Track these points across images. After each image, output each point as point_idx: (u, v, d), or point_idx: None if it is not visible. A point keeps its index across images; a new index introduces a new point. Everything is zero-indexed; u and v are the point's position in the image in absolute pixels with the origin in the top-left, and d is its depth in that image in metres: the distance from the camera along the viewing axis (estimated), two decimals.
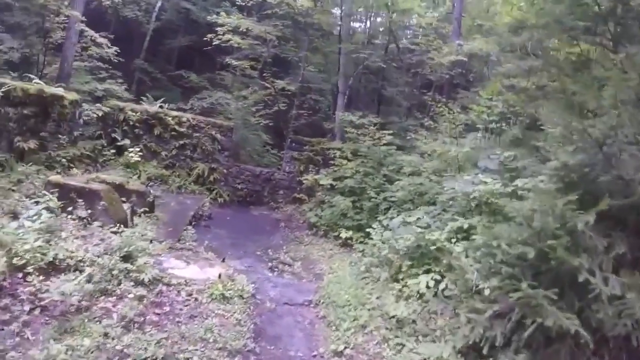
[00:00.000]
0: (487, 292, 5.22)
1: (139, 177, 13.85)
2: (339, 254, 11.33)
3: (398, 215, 9.97)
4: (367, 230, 10.22)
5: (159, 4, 22.85)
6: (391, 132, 14.36)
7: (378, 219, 10.59)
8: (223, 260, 8.81)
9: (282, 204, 15.33)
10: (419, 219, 8.85)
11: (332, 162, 14.61)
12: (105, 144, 14.55)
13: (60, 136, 11.83)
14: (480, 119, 10.44)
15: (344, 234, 12.07)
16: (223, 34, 16.77)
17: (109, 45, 16.74)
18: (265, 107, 18.53)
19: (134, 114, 14.87)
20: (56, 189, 8.06)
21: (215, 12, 18.39)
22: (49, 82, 15.76)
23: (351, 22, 21.15)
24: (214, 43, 16.95)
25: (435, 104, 14.64)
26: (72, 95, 12.59)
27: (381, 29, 22.48)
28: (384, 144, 13.67)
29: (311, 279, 9.50)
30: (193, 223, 11.75)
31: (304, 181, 14.11)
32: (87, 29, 16.19)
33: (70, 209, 7.83)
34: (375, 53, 18.34)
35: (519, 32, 7.70)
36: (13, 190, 8.68)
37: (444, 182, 8.93)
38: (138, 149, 14.43)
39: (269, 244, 11.75)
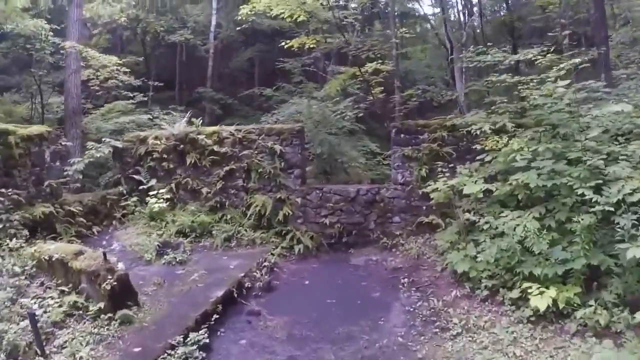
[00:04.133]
0: None
1: (161, 235, 8.74)
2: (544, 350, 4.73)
3: None
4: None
5: (214, 22, 18.90)
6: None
7: (616, 248, 4.94)
8: None
9: (401, 238, 8.96)
10: None
11: (474, 148, 8.09)
12: (126, 191, 9.81)
13: (6, 190, 7.14)
14: None
15: (538, 298, 5.42)
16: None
17: (122, 70, 12.66)
18: (355, 102, 12.60)
19: (157, 142, 9.98)
20: None
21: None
22: (53, 124, 11.94)
23: None
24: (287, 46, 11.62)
25: None
26: (32, 130, 7.97)
27: None
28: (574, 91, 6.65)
29: None
30: (222, 310, 6.08)
31: (431, 194, 7.55)
32: (97, 54, 12.21)
33: None
34: None
35: None
36: None
37: None
38: (164, 190, 9.47)
39: (376, 343, 5.52)
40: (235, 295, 6.65)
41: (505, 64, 7.72)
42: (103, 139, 10.17)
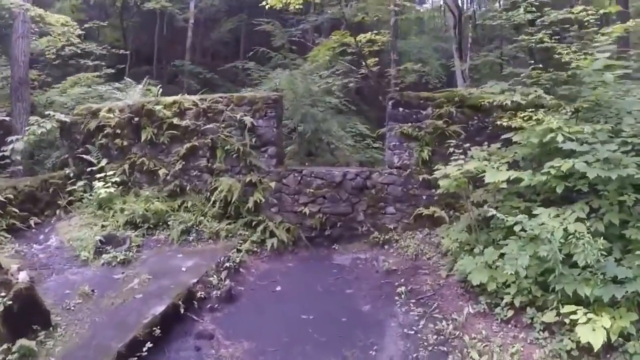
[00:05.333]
0: None
1: (106, 227, 7.17)
2: None
3: None
4: None
5: None
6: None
7: None
8: None
9: (395, 232, 7.47)
10: None
11: (486, 128, 6.71)
12: (74, 173, 8.15)
13: None
14: None
15: (587, 329, 3.97)
16: None
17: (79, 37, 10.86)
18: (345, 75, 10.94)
19: (110, 115, 8.24)
20: None
21: None
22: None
23: None
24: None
25: None
26: None
27: None
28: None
29: None
30: (162, 332, 4.53)
31: (439, 181, 5.90)
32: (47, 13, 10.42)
33: None
34: None
35: None
36: None
37: None
38: (112, 172, 7.80)
39: None
40: (183, 310, 5.08)
41: (538, 24, 6.10)
42: (47, 113, 8.41)
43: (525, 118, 5.39)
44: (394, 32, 11.24)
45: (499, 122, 6.16)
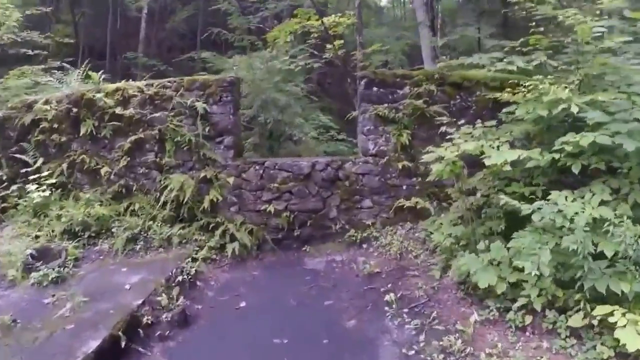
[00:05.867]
0: None
1: (38, 238, 6.00)
2: None
3: None
4: None
5: None
6: None
7: None
8: None
9: (374, 229, 6.57)
10: None
11: (473, 108, 6.20)
12: (7, 176, 7.06)
13: None
14: None
15: (628, 333, 3.25)
16: None
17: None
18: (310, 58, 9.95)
19: (47, 107, 7.01)
20: None
21: None
22: None
23: None
24: None
25: None
26: None
27: None
28: None
29: None
30: None
31: (431, 165, 4.93)
32: None
33: None
34: None
35: None
36: None
37: None
38: (49, 173, 6.65)
39: None
40: (125, 342, 3.99)
41: None
42: None
43: (529, 88, 4.57)
44: (359, 14, 10.33)
45: (497, 97, 5.34)
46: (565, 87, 4.48)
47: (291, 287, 5.50)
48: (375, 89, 6.58)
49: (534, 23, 4.95)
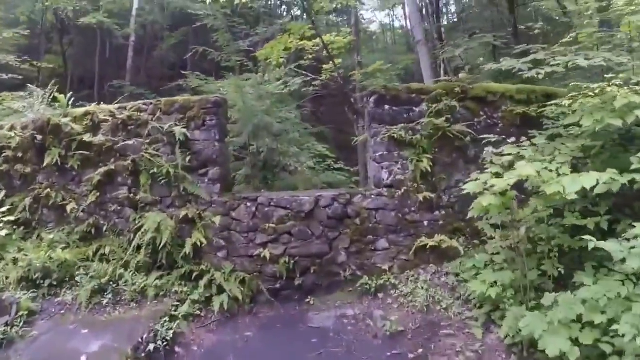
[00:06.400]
0: None
1: None
2: None
3: None
4: None
5: (136, 4, 15.32)
6: None
7: None
8: None
9: (392, 274, 5.44)
10: None
11: (500, 125, 5.40)
12: None
13: None
14: None
15: None
16: None
17: None
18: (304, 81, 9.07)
19: (12, 134, 6.10)
20: None
21: None
22: None
23: None
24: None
25: None
26: None
27: None
28: None
29: None
30: None
31: (479, 199, 3.77)
32: None
33: None
34: None
35: None
36: None
37: None
38: (8, 209, 5.91)
39: None
40: None
41: None
42: None
43: (596, 91, 3.58)
44: (356, 32, 9.54)
45: (529, 110, 4.42)
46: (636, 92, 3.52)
47: (294, 353, 4.34)
48: (387, 107, 5.60)
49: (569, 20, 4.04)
